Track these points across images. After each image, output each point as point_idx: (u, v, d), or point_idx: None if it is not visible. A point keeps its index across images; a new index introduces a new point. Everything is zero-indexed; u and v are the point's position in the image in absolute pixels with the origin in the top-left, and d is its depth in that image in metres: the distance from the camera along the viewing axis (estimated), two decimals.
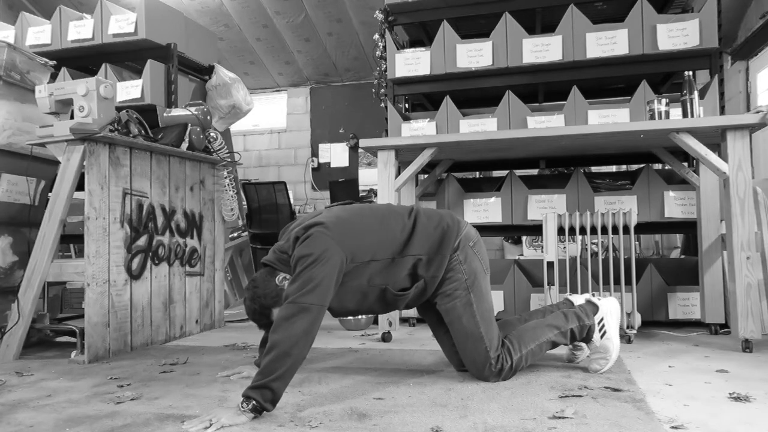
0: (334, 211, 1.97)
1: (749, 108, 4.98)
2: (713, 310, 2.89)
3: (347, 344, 2.80)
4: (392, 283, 1.93)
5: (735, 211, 2.47)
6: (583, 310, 2.09)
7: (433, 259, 1.95)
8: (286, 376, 1.64)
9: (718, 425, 1.50)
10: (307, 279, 1.71)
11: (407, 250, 1.93)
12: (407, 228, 1.96)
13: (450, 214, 2.07)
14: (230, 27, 6.65)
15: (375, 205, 2.07)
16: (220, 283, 3.50)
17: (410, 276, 1.95)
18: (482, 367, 1.97)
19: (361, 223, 1.93)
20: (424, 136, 3.03)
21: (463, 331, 1.97)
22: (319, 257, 1.75)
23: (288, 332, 1.65)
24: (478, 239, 2.07)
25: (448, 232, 1.98)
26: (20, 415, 1.74)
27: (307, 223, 1.88)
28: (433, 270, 1.96)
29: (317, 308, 1.71)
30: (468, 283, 1.98)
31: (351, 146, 7.60)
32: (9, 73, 2.86)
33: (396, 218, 1.98)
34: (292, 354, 1.64)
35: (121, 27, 3.74)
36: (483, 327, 1.96)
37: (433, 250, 1.95)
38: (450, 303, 1.98)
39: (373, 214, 1.99)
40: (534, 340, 2.03)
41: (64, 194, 2.56)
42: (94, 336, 2.50)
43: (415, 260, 1.93)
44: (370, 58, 6.68)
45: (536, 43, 3.34)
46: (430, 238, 1.96)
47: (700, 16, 3.14)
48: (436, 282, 1.98)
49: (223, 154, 3.44)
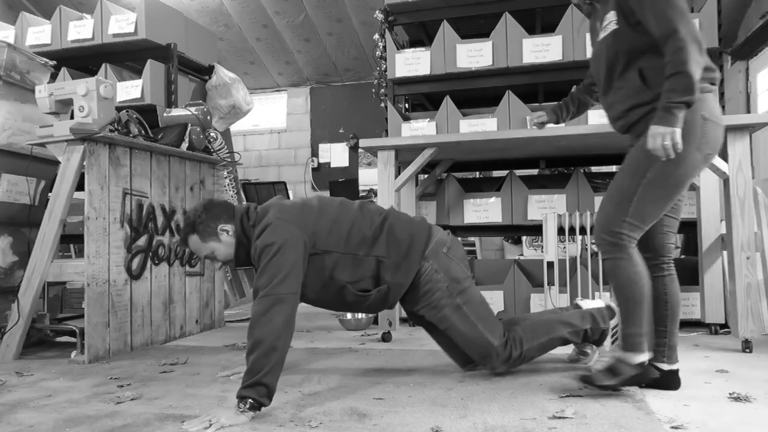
0: (291, 200, 1.97)
1: (749, 108, 4.98)
2: (713, 310, 2.89)
3: (347, 344, 2.80)
4: (354, 282, 1.91)
5: (735, 211, 2.47)
6: (600, 314, 2.08)
7: (399, 264, 1.92)
8: (275, 370, 1.64)
9: (718, 425, 1.50)
10: (276, 270, 1.71)
11: (372, 249, 1.90)
12: (375, 226, 1.93)
13: (421, 221, 2.03)
14: (230, 27, 6.65)
15: (342, 198, 2.05)
16: (220, 283, 3.50)
17: (373, 278, 1.92)
18: (489, 358, 1.96)
19: (320, 207, 1.92)
20: (424, 136, 3.04)
21: (461, 334, 1.96)
22: (283, 245, 1.75)
23: (268, 327, 1.65)
24: (452, 242, 2.03)
25: (416, 240, 1.95)
26: (20, 415, 1.74)
27: (265, 217, 1.85)
28: (399, 277, 1.92)
29: (292, 296, 1.71)
30: (451, 289, 1.95)
31: (351, 146, 7.60)
32: (9, 73, 2.86)
33: (365, 214, 1.96)
34: (277, 347, 1.64)
35: (121, 27, 3.74)
36: (480, 324, 1.95)
37: (399, 255, 1.92)
38: (440, 313, 1.96)
39: (333, 202, 1.98)
40: (547, 333, 2.01)
41: (64, 194, 2.56)
42: (94, 336, 2.50)
43: (378, 261, 1.90)
44: (370, 58, 6.68)
45: (536, 43, 3.34)
46: (396, 242, 1.92)
47: (700, 16, 3.14)
48: (401, 290, 1.95)
49: (223, 154, 3.44)
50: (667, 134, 1.64)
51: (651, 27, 1.70)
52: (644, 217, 1.76)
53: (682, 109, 1.64)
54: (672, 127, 1.63)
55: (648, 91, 1.77)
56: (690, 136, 1.69)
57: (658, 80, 1.70)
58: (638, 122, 1.79)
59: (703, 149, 1.73)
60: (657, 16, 1.68)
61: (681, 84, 1.62)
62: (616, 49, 1.82)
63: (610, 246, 1.77)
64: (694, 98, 1.63)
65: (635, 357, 1.77)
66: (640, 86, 1.78)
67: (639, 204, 1.74)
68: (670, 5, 1.66)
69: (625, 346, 1.78)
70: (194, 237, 1.92)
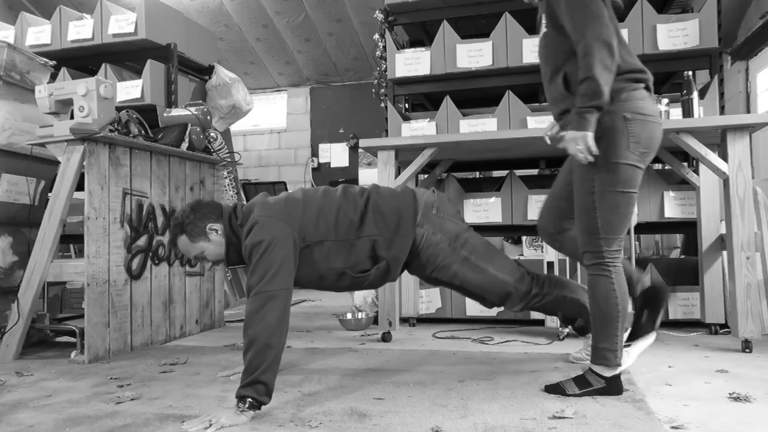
0: (274, 197, 1.97)
1: (749, 108, 4.98)
2: (713, 310, 2.89)
3: (347, 344, 2.80)
4: (351, 266, 1.91)
5: (735, 211, 2.47)
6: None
7: (392, 240, 1.91)
8: (273, 367, 1.64)
9: (718, 425, 1.50)
10: (267, 267, 1.71)
11: (362, 230, 1.90)
12: (359, 208, 1.92)
13: (404, 191, 2.01)
14: (230, 27, 6.65)
15: (325, 187, 2.04)
16: (220, 283, 3.50)
17: (370, 258, 1.92)
18: (509, 297, 1.99)
19: (304, 199, 1.91)
20: (424, 136, 3.03)
21: (476, 284, 1.98)
22: (272, 242, 1.75)
23: (262, 325, 1.65)
24: (438, 200, 2.00)
25: (404, 212, 1.93)
26: (20, 415, 1.74)
27: (251, 216, 1.85)
28: (395, 250, 1.92)
29: (284, 292, 1.71)
30: (452, 245, 1.95)
31: (351, 146, 7.60)
32: (9, 73, 2.86)
33: (349, 198, 1.95)
34: (272, 344, 1.64)
35: (121, 27, 3.74)
36: (491, 267, 1.96)
37: (390, 230, 1.91)
38: (450, 271, 1.97)
39: (317, 192, 1.97)
40: (571, 291, 2.04)
41: (64, 194, 2.56)
42: (94, 336, 2.50)
43: (372, 241, 1.90)
44: (370, 58, 6.67)
45: (536, 43, 3.32)
46: (384, 218, 1.91)
47: (700, 16, 3.14)
48: (399, 263, 1.95)
49: (223, 154, 3.44)
50: (580, 138, 1.66)
51: (569, 31, 1.72)
52: (614, 228, 1.77)
53: (593, 114, 1.66)
54: (584, 132, 1.66)
55: (571, 97, 1.78)
56: (616, 139, 1.71)
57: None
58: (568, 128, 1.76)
59: (635, 149, 1.73)
60: (571, 20, 1.70)
61: (589, 89, 1.64)
62: (547, 52, 1.87)
63: (593, 262, 1.80)
64: (602, 102, 1.65)
65: (606, 371, 1.81)
66: (564, 92, 1.81)
67: (602, 217, 1.76)
68: (583, 8, 1.67)
69: (596, 359, 1.82)
70: (183, 238, 1.91)
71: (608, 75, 1.65)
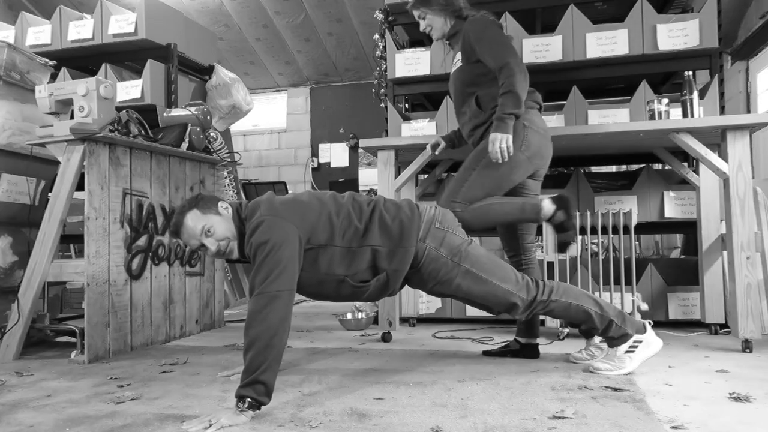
0: (281, 197, 1.97)
1: (749, 108, 4.98)
2: (713, 310, 2.89)
3: (347, 344, 2.80)
4: (351, 274, 1.91)
5: (735, 211, 2.47)
6: (632, 321, 2.08)
7: (394, 252, 1.91)
8: (273, 367, 1.64)
9: (718, 425, 1.50)
10: (272, 267, 1.71)
11: (365, 239, 1.90)
12: (365, 217, 1.93)
13: (409, 204, 2.02)
14: (230, 27, 6.65)
15: (332, 191, 2.04)
16: (220, 283, 3.50)
17: (371, 268, 1.92)
18: (514, 307, 2.01)
19: (311, 201, 1.91)
20: (424, 136, 3.03)
21: (479, 295, 1.99)
22: (277, 242, 1.74)
23: (264, 325, 1.64)
24: (441, 215, 2.02)
25: (407, 225, 1.93)
26: (20, 415, 1.74)
27: (257, 214, 1.85)
28: (395, 263, 1.92)
29: (287, 293, 1.71)
30: (455, 260, 1.95)
31: (351, 146, 7.61)
32: (9, 73, 2.86)
33: (356, 206, 1.95)
34: (273, 345, 1.64)
35: (121, 27, 3.73)
36: (493, 278, 1.97)
37: (393, 242, 1.91)
38: (452, 285, 1.97)
39: (324, 196, 1.97)
40: (576, 299, 2.04)
41: (64, 194, 2.56)
42: (94, 336, 2.50)
43: (374, 251, 1.90)
44: (370, 58, 6.68)
45: (536, 43, 3.34)
46: (388, 230, 1.92)
47: (700, 16, 3.14)
48: (399, 276, 1.94)
49: (223, 154, 3.44)
50: (503, 139, 2.15)
51: (489, 62, 2.26)
52: (471, 199, 2.24)
53: (512, 119, 2.17)
54: (505, 134, 2.16)
55: (483, 114, 2.33)
56: (515, 140, 2.19)
57: (490, 104, 2.28)
58: (481, 138, 2.33)
59: (525, 152, 2.24)
60: (493, 54, 2.24)
61: (511, 100, 2.16)
62: (461, 80, 2.40)
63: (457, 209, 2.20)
64: (520, 111, 2.18)
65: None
66: (477, 110, 2.34)
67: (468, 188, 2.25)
68: (502, 45, 2.25)
69: None
70: (194, 212, 1.87)
71: (524, 92, 2.19)
